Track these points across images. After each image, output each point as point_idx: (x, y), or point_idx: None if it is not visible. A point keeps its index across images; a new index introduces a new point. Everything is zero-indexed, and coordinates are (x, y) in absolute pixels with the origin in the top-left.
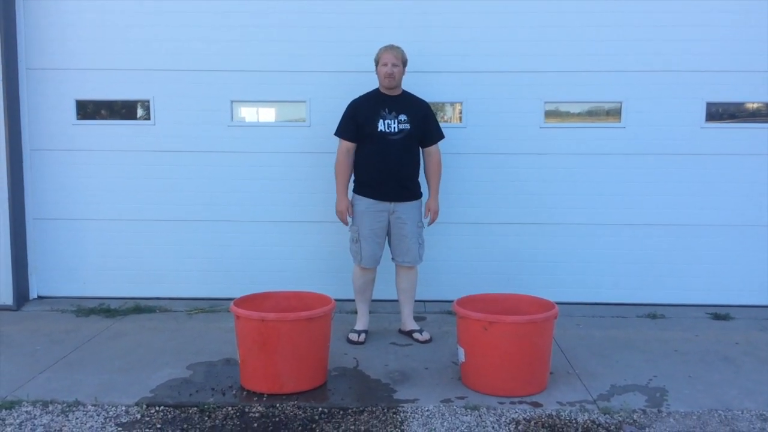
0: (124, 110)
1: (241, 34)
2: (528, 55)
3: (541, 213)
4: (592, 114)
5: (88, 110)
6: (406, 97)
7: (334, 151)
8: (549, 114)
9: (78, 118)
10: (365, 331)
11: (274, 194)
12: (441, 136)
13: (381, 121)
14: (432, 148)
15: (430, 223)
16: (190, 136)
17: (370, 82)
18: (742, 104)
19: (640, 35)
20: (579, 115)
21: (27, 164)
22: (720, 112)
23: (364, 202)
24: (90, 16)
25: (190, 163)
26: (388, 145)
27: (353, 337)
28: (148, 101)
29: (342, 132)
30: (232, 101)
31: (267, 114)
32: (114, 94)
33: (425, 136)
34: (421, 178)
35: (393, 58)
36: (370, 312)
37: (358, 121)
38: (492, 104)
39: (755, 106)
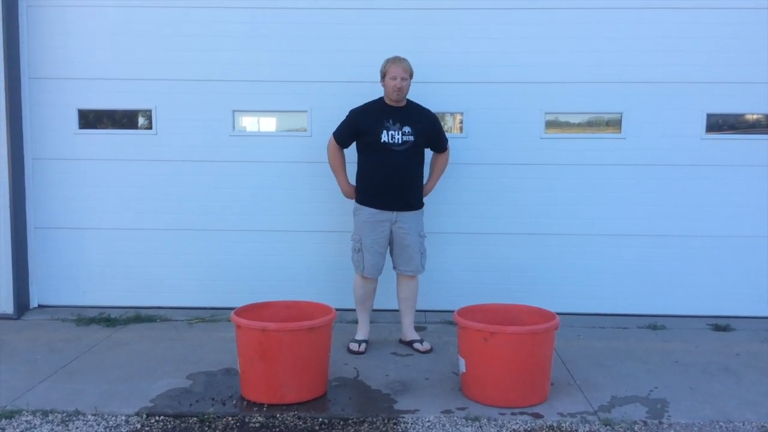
0: (125, 120)
1: (243, 44)
2: (528, 66)
3: (541, 223)
4: (592, 125)
5: (90, 119)
6: (412, 108)
7: None
8: (549, 124)
9: (80, 128)
10: (366, 341)
11: (275, 204)
12: (446, 143)
13: (385, 132)
14: (442, 153)
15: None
16: (192, 145)
17: (372, 92)
18: (742, 115)
19: (641, 46)
20: (579, 125)
21: (29, 173)
22: (720, 124)
23: (366, 212)
24: (92, 26)
25: (192, 172)
26: (392, 156)
27: (354, 346)
28: (150, 111)
29: (338, 136)
30: (233, 111)
31: (268, 123)
32: (116, 104)
33: (432, 147)
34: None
35: (402, 72)
36: (370, 322)
37: (359, 130)
38: (492, 114)
39: (755, 117)
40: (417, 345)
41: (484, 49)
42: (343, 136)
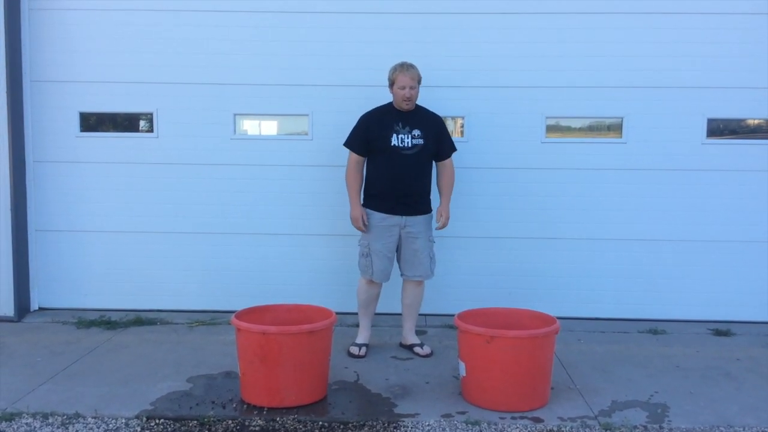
0: (127, 123)
1: (244, 47)
2: (530, 71)
3: (542, 228)
4: (594, 129)
5: (91, 122)
6: (420, 111)
7: (336, 164)
8: (550, 129)
9: (81, 131)
10: (366, 345)
11: (276, 207)
12: (453, 150)
13: (394, 135)
14: (446, 162)
15: (439, 228)
16: (193, 148)
17: (373, 96)
18: (743, 120)
19: (642, 51)
20: (580, 130)
21: (30, 176)
22: (721, 128)
23: (375, 217)
24: (94, 29)
25: (193, 175)
26: (401, 159)
27: (354, 350)
28: (151, 114)
29: (351, 144)
30: (234, 114)
31: (269, 127)
32: (117, 107)
33: (439, 151)
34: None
35: (410, 80)
36: (371, 326)
37: (370, 135)
38: (493, 119)
39: (756, 122)
40: (417, 349)
41: (485, 54)
42: (357, 142)
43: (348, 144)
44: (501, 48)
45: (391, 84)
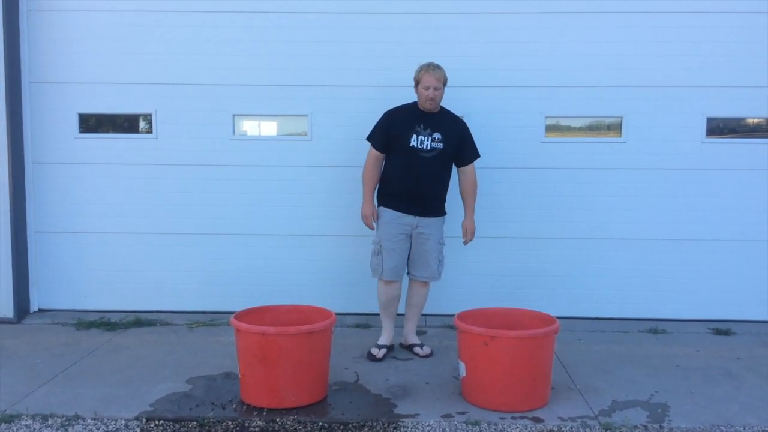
0: (126, 124)
1: (243, 48)
2: (529, 70)
3: (542, 227)
4: (593, 128)
5: (90, 123)
6: (444, 115)
7: (336, 165)
8: (550, 128)
9: (80, 132)
10: (387, 346)
11: (275, 208)
12: (476, 156)
13: (414, 136)
14: (467, 168)
15: (466, 243)
16: (192, 149)
17: (373, 97)
18: (742, 119)
19: (641, 50)
20: (580, 129)
21: (29, 177)
22: (721, 127)
23: (388, 214)
24: (93, 31)
25: (192, 176)
26: (418, 161)
27: (374, 351)
28: (150, 115)
29: (373, 139)
30: (233, 115)
31: (269, 128)
32: (116, 108)
33: (460, 157)
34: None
35: (435, 81)
36: (369, 326)
37: (390, 133)
38: (492, 119)
39: (756, 121)
40: (417, 349)
41: (484, 53)
42: (378, 138)
43: (370, 138)
44: (500, 48)
45: (416, 83)
